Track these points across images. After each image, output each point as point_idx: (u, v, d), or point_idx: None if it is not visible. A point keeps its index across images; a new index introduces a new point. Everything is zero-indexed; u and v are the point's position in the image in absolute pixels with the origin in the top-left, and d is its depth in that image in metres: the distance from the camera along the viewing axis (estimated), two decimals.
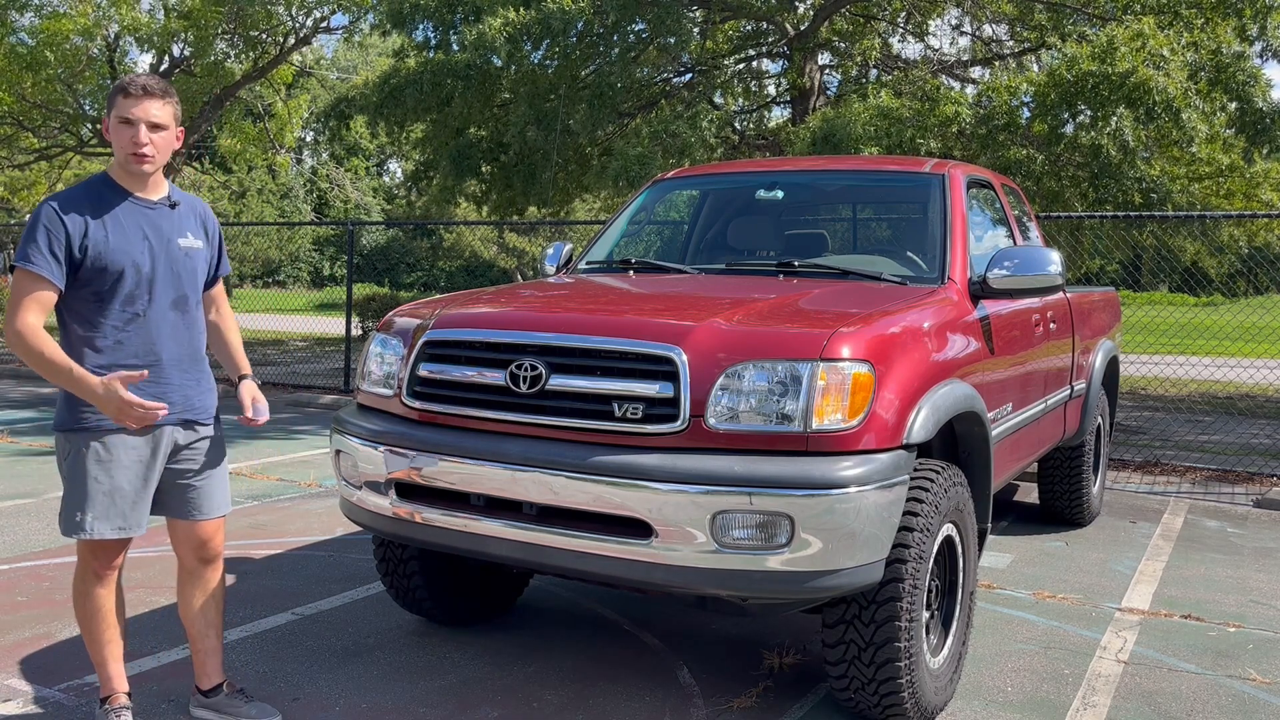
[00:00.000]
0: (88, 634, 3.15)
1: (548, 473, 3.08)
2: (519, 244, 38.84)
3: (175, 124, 3.04)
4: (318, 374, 13.22)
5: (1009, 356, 4.28)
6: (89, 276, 2.93)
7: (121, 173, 3.02)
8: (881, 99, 10.94)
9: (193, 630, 3.30)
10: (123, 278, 2.95)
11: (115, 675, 3.18)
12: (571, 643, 4.17)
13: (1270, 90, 10.34)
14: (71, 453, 3.00)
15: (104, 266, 2.92)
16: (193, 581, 3.26)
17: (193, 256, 3.12)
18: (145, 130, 2.94)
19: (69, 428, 3.00)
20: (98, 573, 3.08)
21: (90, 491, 2.96)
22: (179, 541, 3.23)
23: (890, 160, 6.51)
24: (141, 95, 2.93)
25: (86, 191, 3.00)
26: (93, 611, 3.11)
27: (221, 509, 3.25)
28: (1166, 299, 20.41)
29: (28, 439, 8.68)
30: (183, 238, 3.09)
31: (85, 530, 2.97)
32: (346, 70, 37.14)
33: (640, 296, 4.04)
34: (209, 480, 3.20)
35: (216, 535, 3.26)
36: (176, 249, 3.07)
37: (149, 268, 2.99)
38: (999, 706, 3.65)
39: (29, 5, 17.86)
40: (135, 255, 2.96)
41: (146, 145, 2.94)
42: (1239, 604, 4.91)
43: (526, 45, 12.37)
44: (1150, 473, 7.98)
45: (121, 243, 2.95)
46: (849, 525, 2.91)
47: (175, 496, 3.15)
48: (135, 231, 2.98)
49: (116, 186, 3.02)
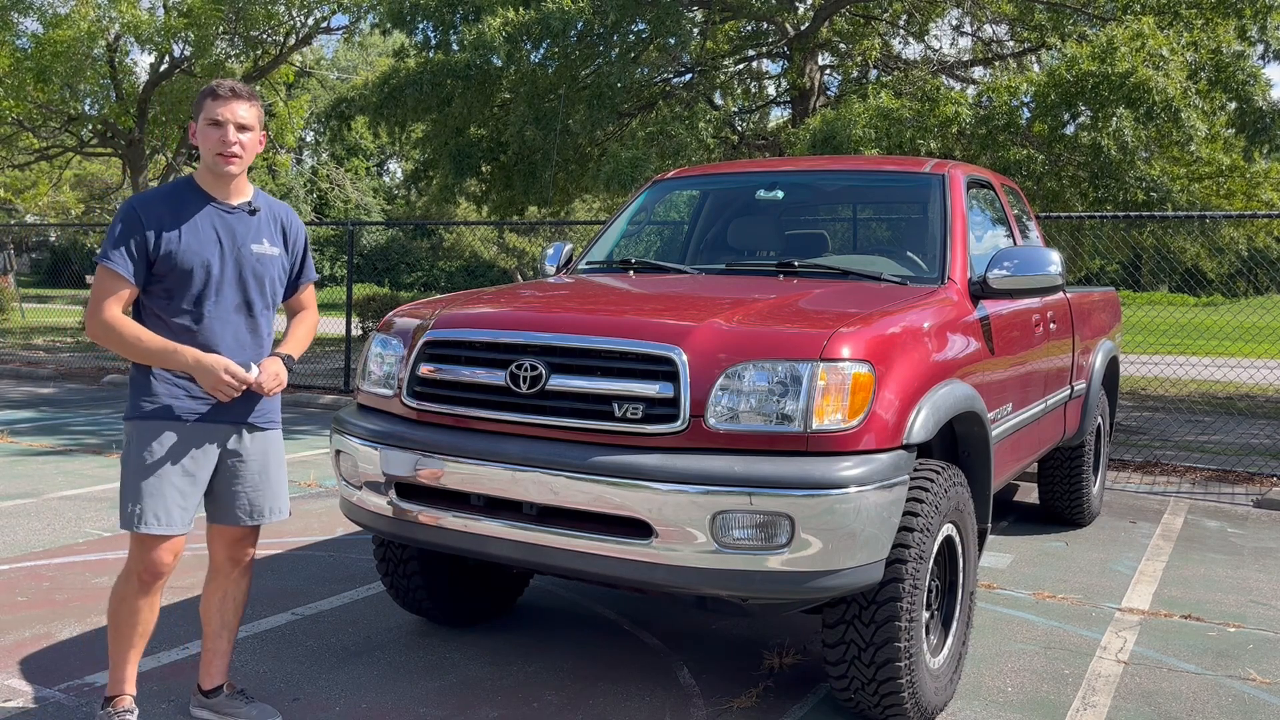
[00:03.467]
0: (114, 632, 3.13)
1: (548, 473, 3.08)
2: (519, 244, 38.81)
3: (260, 126, 3.13)
4: (318, 374, 13.22)
5: (1009, 357, 4.28)
6: (162, 273, 3.02)
7: (207, 176, 3.11)
8: (881, 99, 10.94)
9: (208, 629, 3.31)
10: (191, 277, 3.02)
11: (128, 679, 3.17)
12: (571, 643, 4.17)
13: (1270, 90, 10.35)
14: (130, 442, 3.06)
15: (175, 265, 3.00)
16: (219, 581, 3.29)
17: (265, 262, 3.17)
18: (234, 131, 3.02)
19: (130, 416, 3.07)
20: (142, 579, 3.07)
21: (142, 484, 3.00)
22: (213, 539, 3.25)
23: (890, 160, 6.51)
24: (230, 97, 3.02)
25: (169, 193, 3.10)
26: (127, 614, 3.10)
27: (272, 515, 3.24)
28: (1166, 299, 20.41)
29: (28, 439, 8.68)
30: (257, 244, 3.15)
31: (134, 522, 2.99)
32: (346, 70, 37.16)
33: (640, 297, 4.04)
34: (262, 484, 3.21)
35: (249, 538, 3.28)
36: (249, 254, 3.13)
37: (218, 270, 3.06)
38: (999, 706, 3.65)
39: (32, 7, 17.88)
40: (206, 256, 3.04)
41: (235, 145, 3.03)
42: (1239, 604, 4.91)
43: (526, 45, 12.38)
44: (1150, 473, 7.98)
45: (194, 244, 3.02)
46: (849, 525, 2.91)
47: (224, 498, 3.17)
48: (209, 234, 3.06)
49: (199, 190, 3.11)
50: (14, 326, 22.27)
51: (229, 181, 3.11)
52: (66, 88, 18.24)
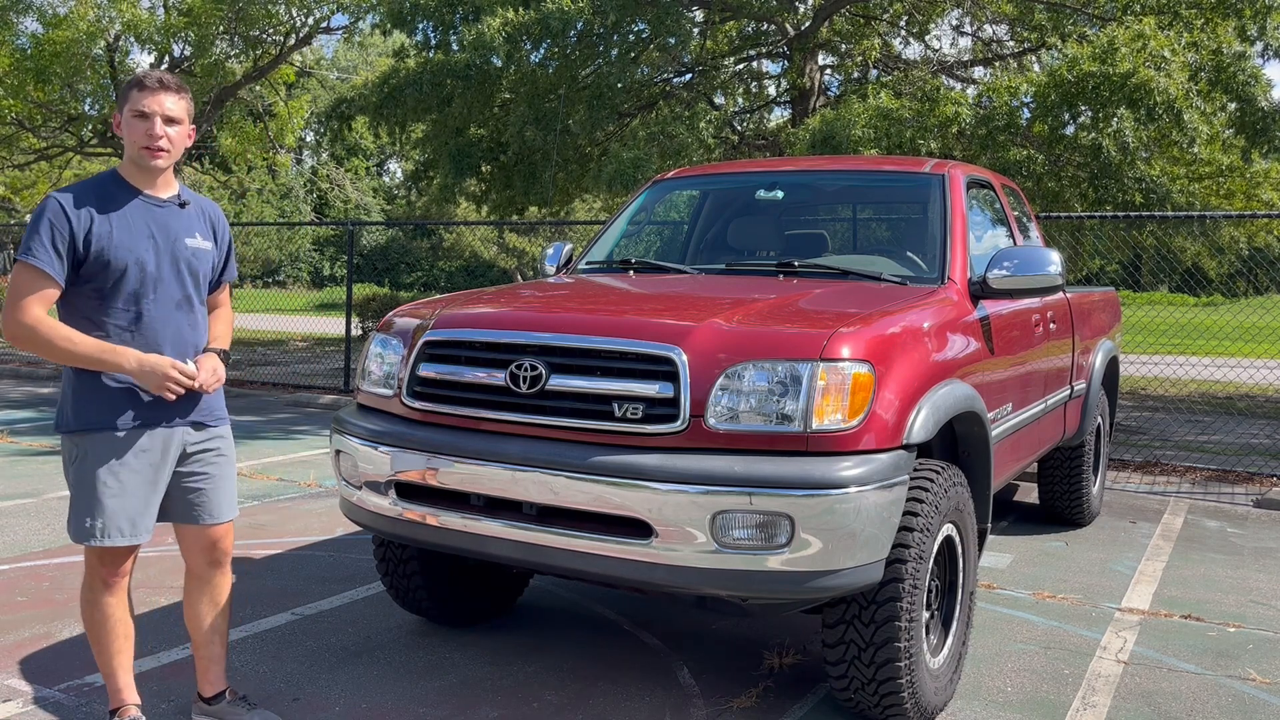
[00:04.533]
0: (96, 643, 3.08)
1: (548, 473, 3.08)
2: (519, 244, 38.83)
3: (189, 119, 3.01)
4: (318, 374, 13.22)
5: (1009, 357, 4.28)
6: (91, 273, 2.88)
7: (132, 169, 2.98)
8: (881, 99, 10.94)
9: (197, 636, 3.24)
10: (126, 275, 2.90)
11: (125, 686, 3.11)
12: (571, 643, 4.17)
13: (1271, 90, 10.34)
14: (78, 456, 2.94)
15: (107, 262, 2.87)
16: (200, 587, 3.21)
17: (200, 257, 3.07)
18: (160, 123, 2.90)
19: (73, 429, 2.95)
20: (106, 580, 3.02)
21: (100, 496, 2.91)
22: (188, 547, 3.17)
23: (890, 160, 6.51)
24: (157, 88, 2.91)
25: (94, 187, 2.95)
26: (102, 620, 3.05)
27: (229, 512, 3.19)
28: (1166, 299, 20.41)
29: (27, 439, 8.68)
30: (190, 237, 3.05)
31: (96, 536, 2.91)
32: (346, 70, 37.15)
33: (640, 297, 4.04)
34: (218, 483, 3.14)
35: (226, 538, 3.21)
36: (183, 248, 3.02)
37: (154, 266, 2.95)
38: (999, 706, 3.65)
39: (31, 6, 17.88)
40: (140, 253, 2.92)
41: (162, 139, 2.91)
42: (1239, 604, 4.91)
43: (526, 45, 12.38)
44: (1150, 473, 7.98)
45: (126, 239, 2.90)
46: (849, 525, 2.91)
47: (183, 500, 3.09)
48: (141, 229, 2.94)
49: (125, 183, 2.98)
50: None
51: (156, 175, 2.98)
52: (66, 88, 18.24)
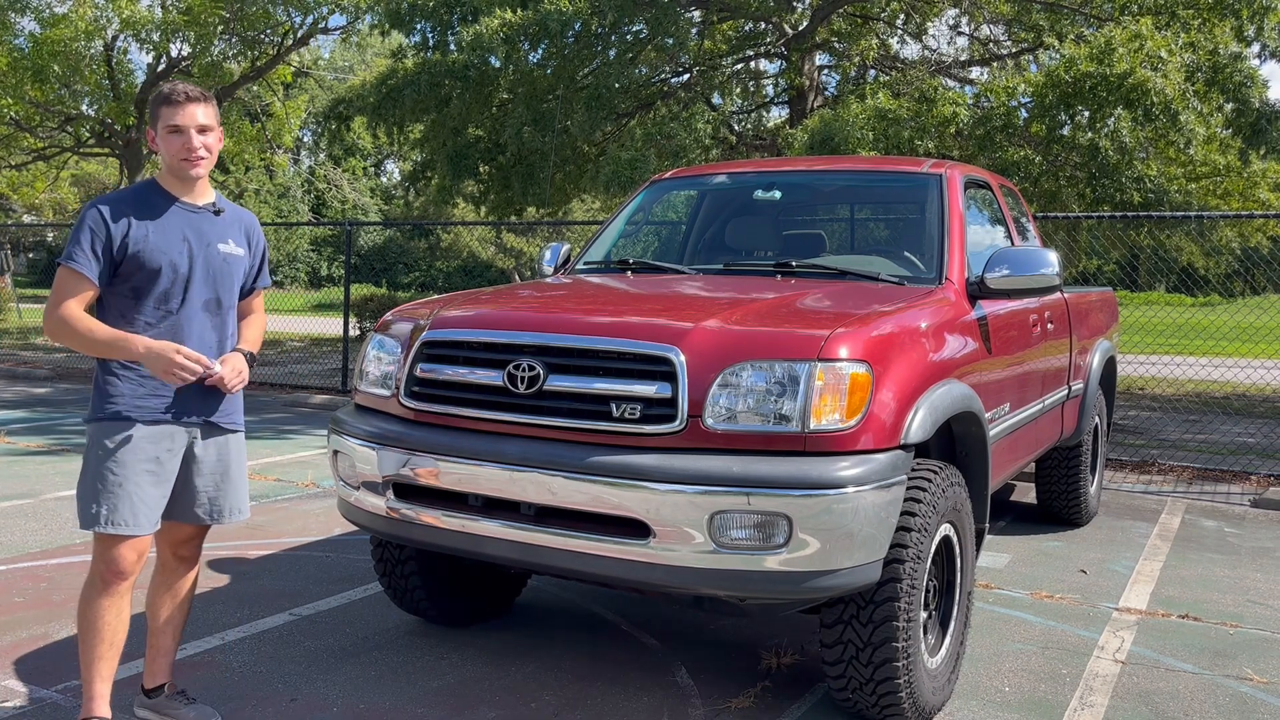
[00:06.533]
0: (82, 643, 3.08)
1: (545, 473, 3.08)
2: (517, 244, 38.81)
3: (218, 123, 3.14)
4: (312, 374, 13.21)
5: (1006, 357, 4.28)
6: (129, 272, 3.01)
7: (170, 179, 3.12)
8: (879, 99, 10.95)
9: (152, 625, 3.28)
10: (159, 276, 3.03)
11: (98, 695, 3.09)
12: (570, 643, 4.17)
13: (1267, 90, 10.36)
14: (96, 443, 3.04)
15: (142, 263, 3.00)
16: (165, 577, 3.26)
17: (231, 263, 3.18)
18: (195, 135, 3.04)
19: (91, 418, 3.06)
20: (105, 579, 3.03)
21: (107, 484, 2.98)
22: (161, 536, 3.22)
23: (888, 160, 6.51)
24: (185, 101, 3.04)
25: (133, 194, 3.11)
26: (91, 621, 3.05)
27: (236, 515, 3.24)
28: (1164, 299, 20.43)
29: (24, 439, 8.66)
30: (223, 243, 3.17)
31: (100, 523, 2.97)
32: (344, 71, 37.13)
33: (638, 297, 4.04)
34: (223, 485, 3.20)
35: (198, 537, 3.28)
36: (216, 253, 3.14)
37: (186, 268, 3.07)
38: (997, 706, 3.65)
39: (29, 6, 17.85)
40: (174, 255, 3.04)
41: (199, 149, 3.05)
42: (1236, 604, 4.92)
43: (524, 46, 12.38)
44: (1147, 473, 7.99)
45: (161, 242, 3.03)
46: (847, 525, 2.91)
47: (185, 497, 3.15)
48: (176, 233, 3.07)
49: (164, 191, 3.12)
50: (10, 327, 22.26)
51: (194, 184, 3.13)
52: (64, 87, 18.22)
